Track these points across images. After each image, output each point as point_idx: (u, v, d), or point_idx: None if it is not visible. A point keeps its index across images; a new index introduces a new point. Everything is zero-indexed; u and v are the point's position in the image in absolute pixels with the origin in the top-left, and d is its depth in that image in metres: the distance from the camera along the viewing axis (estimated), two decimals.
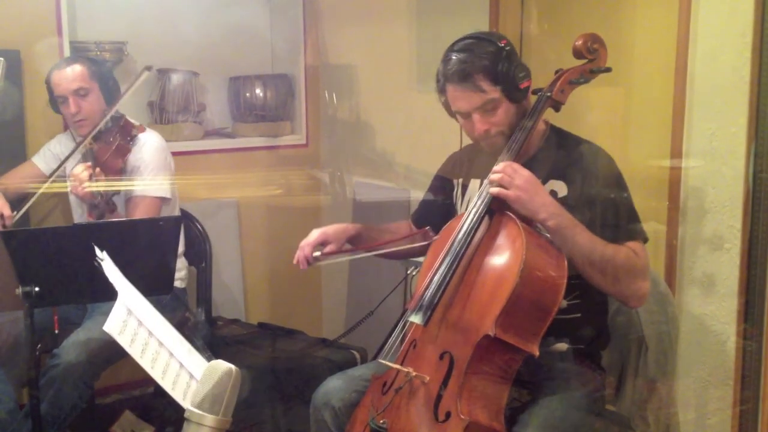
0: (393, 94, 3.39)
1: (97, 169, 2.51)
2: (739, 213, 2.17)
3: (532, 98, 1.97)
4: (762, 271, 2.12)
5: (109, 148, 2.64)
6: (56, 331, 2.46)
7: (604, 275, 1.83)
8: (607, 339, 2.08)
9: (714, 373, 2.28)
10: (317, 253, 2.04)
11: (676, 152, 2.31)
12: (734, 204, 2.18)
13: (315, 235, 2.09)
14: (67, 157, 2.72)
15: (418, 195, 3.21)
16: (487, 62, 1.88)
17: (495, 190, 1.83)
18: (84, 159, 2.67)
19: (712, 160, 2.23)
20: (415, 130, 3.24)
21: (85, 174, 2.48)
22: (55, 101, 2.72)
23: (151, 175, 2.70)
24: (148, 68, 2.79)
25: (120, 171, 2.64)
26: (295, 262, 2.09)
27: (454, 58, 1.92)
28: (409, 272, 2.84)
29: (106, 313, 1.54)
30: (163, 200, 2.74)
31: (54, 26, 3.09)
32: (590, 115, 2.52)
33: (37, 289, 2.01)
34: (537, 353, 1.76)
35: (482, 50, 1.90)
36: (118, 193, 2.55)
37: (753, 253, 2.14)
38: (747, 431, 2.14)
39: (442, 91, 1.97)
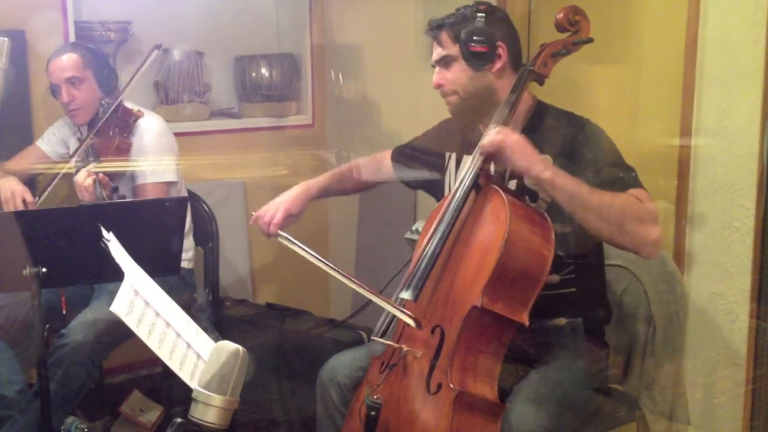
0: (399, 73, 3.36)
1: (101, 174, 2.49)
2: (750, 192, 2.15)
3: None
4: None
5: (110, 145, 2.61)
6: (64, 312, 2.46)
7: (608, 222, 1.78)
8: (608, 314, 2.08)
9: (723, 353, 2.27)
10: (284, 234, 2.09)
11: (686, 131, 2.29)
12: (745, 183, 2.16)
13: (280, 214, 2.16)
14: (74, 153, 2.70)
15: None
16: (454, 20, 1.97)
17: (489, 142, 1.82)
18: (86, 155, 2.65)
19: (723, 138, 2.21)
20: (422, 110, 3.22)
21: (89, 181, 2.47)
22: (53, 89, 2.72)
23: (155, 161, 2.68)
24: (158, 47, 2.77)
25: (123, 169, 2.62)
26: (259, 229, 2.19)
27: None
28: None
29: (114, 293, 1.53)
30: (170, 184, 2.73)
31: (59, 6, 3.07)
32: (599, 93, 2.50)
33: (44, 269, 2.01)
34: (527, 323, 1.77)
35: (460, 11, 1.98)
36: (117, 191, 2.54)
37: (766, 232, 2.13)
38: (759, 410, 2.14)
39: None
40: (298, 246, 1.98)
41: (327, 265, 1.92)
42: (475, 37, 1.93)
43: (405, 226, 2.95)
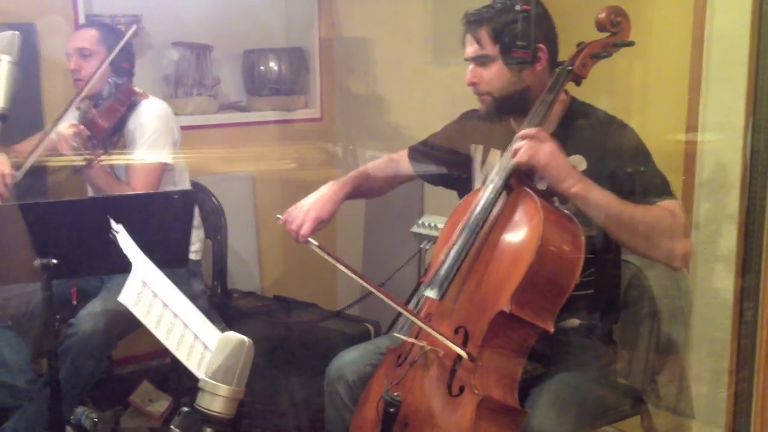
0: (408, 67, 3.37)
1: (81, 126, 2.51)
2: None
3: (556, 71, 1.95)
4: (758, 248, 2.10)
5: (101, 110, 2.64)
6: (74, 303, 2.48)
7: (639, 237, 1.79)
8: (618, 314, 2.08)
9: (727, 348, 2.28)
10: (314, 242, 2.01)
11: (693, 126, 2.29)
12: None
13: (309, 223, 2.06)
14: (62, 114, 2.71)
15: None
16: (496, 18, 1.92)
17: (521, 158, 1.81)
18: (78, 121, 2.67)
19: (729, 134, 2.21)
20: (430, 105, 3.23)
21: (69, 131, 2.48)
22: None
23: (150, 140, 2.68)
24: (137, 20, 2.80)
25: (108, 135, 2.63)
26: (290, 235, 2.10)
27: (485, 7, 1.96)
28: (422, 246, 2.85)
29: (123, 285, 1.56)
30: (163, 166, 2.72)
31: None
32: (606, 88, 2.50)
33: (54, 261, 2.03)
34: (552, 330, 1.76)
35: (501, 7, 1.93)
36: (92, 139, 2.54)
37: (749, 230, 2.13)
38: (741, 406, 2.15)
39: (464, 34, 1.99)
40: (328, 255, 1.92)
41: (357, 274, 1.88)
42: (518, 42, 1.89)
43: (412, 220, 2.96)
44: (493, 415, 1.73)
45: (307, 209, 2.09)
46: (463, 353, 1.74)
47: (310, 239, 2.03)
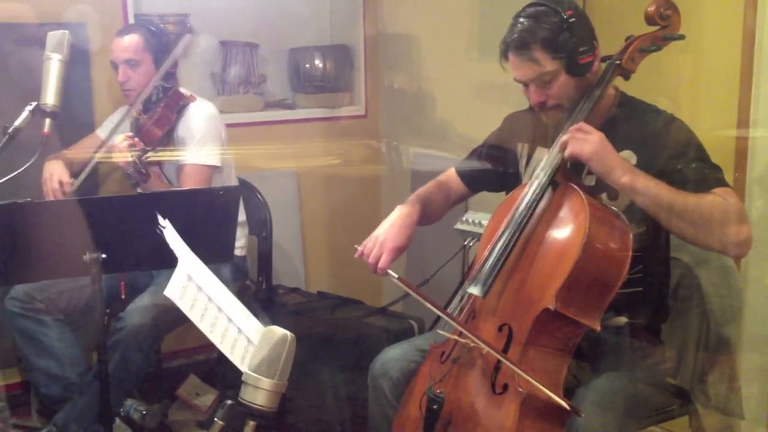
0: (453, 63, 3.36)
1: (136, 139, 2.53)
2: None
3: (602, 66, 1.92)
4: None
5: (152, 118, 2.67)
6: (123, 297, 2.53)
7: (694, 225, 1.74)
8: (667, 313, 2.04)
9: None
10: (393, 275, 1.90)
11: (743, 122, 2.24)
12: None
13: (387, 254, 1.99)
14: (116, 128, 2.75)
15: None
16: (547, 33, 1.84)
17: (569, 150, 1.79)
18: (130, 129, 2.71)
19: None
20: (475, 100, 3.21)
21: (124, 144, 2.51)
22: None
23: (200, 143, 2.71)
24: (189, 31, 2.81)
25: (160, 141, 2.65)
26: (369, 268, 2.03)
27: (517, 25, 1.89)
28: (466, 243, 2.83)
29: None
30: (213, 169, 2.74)
31: None
32: (656, 84, 2.46)
33: (104, 255, 2.07)
34: (598, 328, 1.73)
35: (544, 20, 1.86)
36: (152, 164, 2.57)
37: None
38: None
39: (504, 57, 1.94)
40: (408, 287, 1.82)
41: (437, 307, 1.82)
42: (581, 49, 1.84)
43: (456, 216, 2.94)
44: (537, 414, 1.71)
45: (382, 240, 2.01)
46: (565, 405, 1.66)
47: (389, 271, 1.95)
